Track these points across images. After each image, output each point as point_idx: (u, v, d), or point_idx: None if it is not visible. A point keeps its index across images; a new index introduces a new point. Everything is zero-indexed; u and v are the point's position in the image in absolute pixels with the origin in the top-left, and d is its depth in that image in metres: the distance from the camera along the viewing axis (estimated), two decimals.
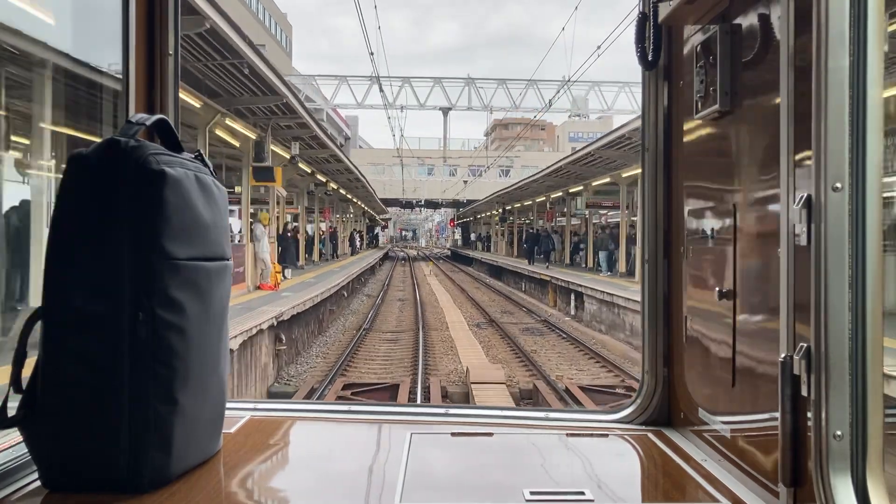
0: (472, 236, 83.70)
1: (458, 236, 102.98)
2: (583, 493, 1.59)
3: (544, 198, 40.98)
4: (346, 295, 27.29)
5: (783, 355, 1.36)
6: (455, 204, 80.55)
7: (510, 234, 54.85)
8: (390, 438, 2.10)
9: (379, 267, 52.77)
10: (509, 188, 48.00)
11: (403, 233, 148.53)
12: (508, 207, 53.05)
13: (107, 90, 2.41)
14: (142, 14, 2.08)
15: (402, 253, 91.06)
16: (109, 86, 2.34)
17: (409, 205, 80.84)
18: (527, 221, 54.80)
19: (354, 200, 51.50)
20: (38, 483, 1.56)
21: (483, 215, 71.51)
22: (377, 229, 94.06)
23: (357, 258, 44.82)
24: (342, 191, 41.48)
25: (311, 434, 2.20)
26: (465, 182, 69.93)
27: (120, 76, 2.08)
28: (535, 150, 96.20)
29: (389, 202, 77.97)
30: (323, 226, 41.75)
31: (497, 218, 58.46)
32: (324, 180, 32.66)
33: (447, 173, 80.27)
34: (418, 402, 11.95)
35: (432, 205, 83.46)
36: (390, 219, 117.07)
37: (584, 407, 11.05)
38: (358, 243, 56.51)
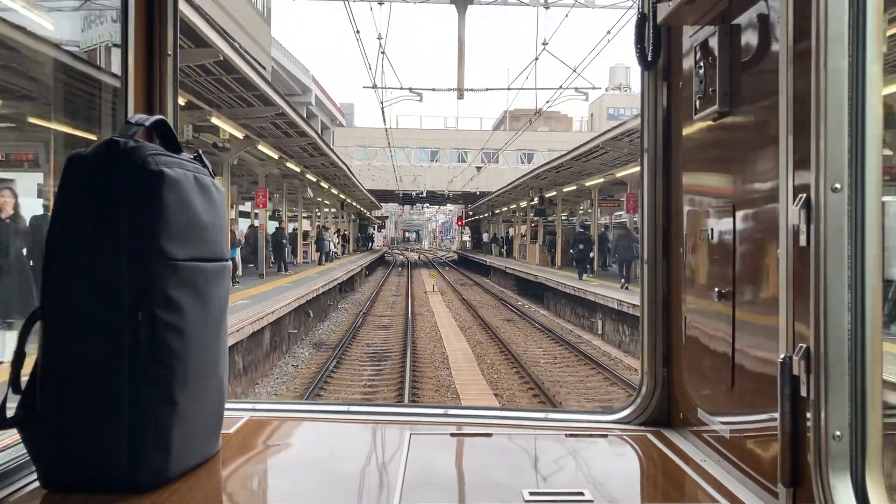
0: (485, 237, 66.19)
1: (466, 237, 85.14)
2: (582, 494, 1.59)
3: (637, 168, 11.19)
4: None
5: (782, 355, 1.36)
6: (464, 198, 64.55)
7: (551, 234, 36.81)
8: (389, 439, 2.10)
9: (366, 277, 40.74)
10: (569, 154, 27.87)
11: (406, 234, 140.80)
12: (550, 194, 35.68)
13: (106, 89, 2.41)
14: (141, 14, 2.08)
15: (400, 257, 78.09)
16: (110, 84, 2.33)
17: (406, 198, 65.20)
18: (566, 216, 39.44)
19: (315, 180, 31.98)
20: (37, 483, 1.56)
21: (504, 210, 54.32)
22: (371, 229, 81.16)
23: (322, 270, 30.08)
24: (271, 153, 21.89)
25: (311, 435, 2.20)
26: (479, 169, 55.56)
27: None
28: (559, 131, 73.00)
29: (382, 195, 63.03)
30: (299, 223, 29.55)
31: (524, 214, 41.07)
32: (203, 108, 15.29)
33: (455, 158, 64.10)
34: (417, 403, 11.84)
35: (436, 199, 66.71)
36: (387, 217, 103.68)
37: (583, 407, 11.02)
38: (332, 247, 40.76)
